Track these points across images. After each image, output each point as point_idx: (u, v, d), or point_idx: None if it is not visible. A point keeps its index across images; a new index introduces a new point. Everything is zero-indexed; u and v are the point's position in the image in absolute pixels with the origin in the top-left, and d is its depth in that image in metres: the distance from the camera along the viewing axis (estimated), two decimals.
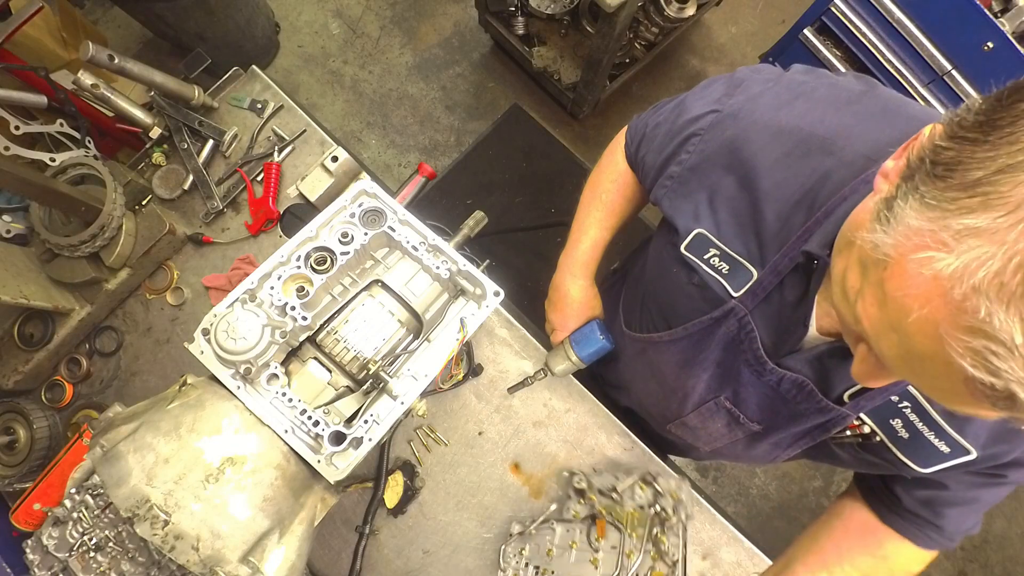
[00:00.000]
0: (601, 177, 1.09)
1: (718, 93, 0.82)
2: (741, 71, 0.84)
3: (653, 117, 0.96)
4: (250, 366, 0.94)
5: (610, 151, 1.08)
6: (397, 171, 2.88)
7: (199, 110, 1.44)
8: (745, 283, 0.76)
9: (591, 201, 1.10)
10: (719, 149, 0.77)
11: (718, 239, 0.78)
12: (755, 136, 0.73)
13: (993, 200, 0.39)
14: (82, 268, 1.27)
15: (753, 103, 0.76)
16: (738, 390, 0.85)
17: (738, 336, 0.79)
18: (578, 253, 1.12)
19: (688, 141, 0.81)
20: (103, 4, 3.02)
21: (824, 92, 0.74)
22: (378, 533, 1.26)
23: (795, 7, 2.79)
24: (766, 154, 0.72)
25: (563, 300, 1.17)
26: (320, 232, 1.07)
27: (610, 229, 1.11)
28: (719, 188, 0.77)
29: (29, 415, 1.25)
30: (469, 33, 3.01)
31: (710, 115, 0.79)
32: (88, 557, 0.87)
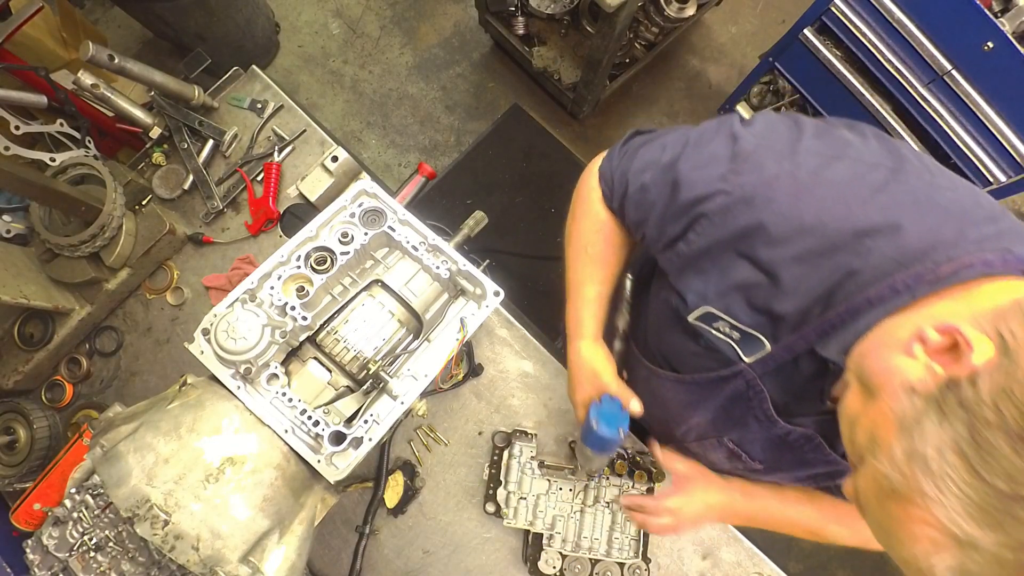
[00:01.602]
0: (582, 228, 0.98)
1: (721, 167, 0.71)
2: (742, 134, 0.73)
3: (633, 168, 0.85)
4: (250, 366, 0.94)
5: (583, 198, 0.97)
6: (397, 171, 2.88)
7: (199, 110, 1.44)
8: (757, 352, 0.73)
9: (578, 256, 1.00)
10: (732, 236, 0.69)
11: (729, 316, 0.73)
12: (775, 229, 0.66)
13: (1009, 526, 0.39)
14: (82, 268, 1.27)
15: (769, 188, 0.67)
16: (743, 434, 0.84)
17: (747, 393, 0.77)
18: (581, 316, 1.01)
19: (696, 223, 0.73)
20: (103, 4, 3.01)
21: (847, 174, 0.65)
22: (378, 533, 1.26)
23: (795, 7, 2.79)
24: (787, 249, 0.65)
25: (578, 368, 1.02)
26: (320, 232, 1.07)
27: (606, 281, 1.00)
28: (732, 272, 0.71)
29: (29, 415, 1.25)
30: (469, 33, 3.01)
31: (718, 197, 0.70)
32: (88, 557, 0.87)
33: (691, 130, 0.82)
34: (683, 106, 2.95)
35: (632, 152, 0.88)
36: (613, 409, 0.94)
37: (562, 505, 1.21)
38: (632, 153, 0.87)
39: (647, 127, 0.94)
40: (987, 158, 1.81)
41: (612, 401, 0.95)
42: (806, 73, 2.13)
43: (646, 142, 0.87)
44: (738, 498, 0.98)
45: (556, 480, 1.22)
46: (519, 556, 1.23)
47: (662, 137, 0.85)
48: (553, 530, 1.19)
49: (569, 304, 1.03)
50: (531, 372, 1.32)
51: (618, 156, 0.90)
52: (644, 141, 0.88)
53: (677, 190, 0.75)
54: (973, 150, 1.81)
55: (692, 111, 2.94)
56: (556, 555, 1.19)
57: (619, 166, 0.89)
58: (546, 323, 1.60)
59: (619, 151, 0.91)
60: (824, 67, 2.02)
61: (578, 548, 1.19)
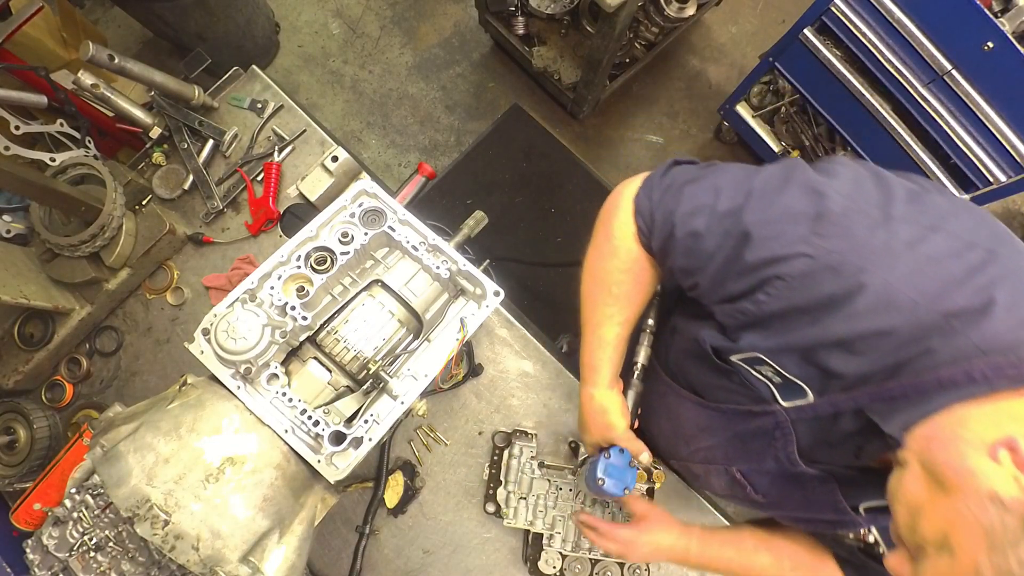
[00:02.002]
0: (609, 266, 0.89)
1: (802, 227, 0.65)
2: (827, 190, 0.66)
3: (680, 209, 0.78)
4: (250, 366, 0.94)
5: (610, 231, 0.88)
6: (397, 171, 2.88)
7: (199, 110, 1.44)
8: (796, 399, 0.70)
9: (600, 294, 0.91)
10: (811, 304, 0.64)
11: (778, 365, 0.69)
12: (862, 303, 0.61)
13: None
14: (82, 268, 1.27)
15: (860, 258, 0.61)
16: (754, 466, 0.83)
17: (772, 432, 0.75)
18: (598, 360, 0.93)
19: (768, 284, 0.67)
20: (103, 4, 3.02)
21: (944, 250, 0.60)
22: (378, 533, 1.26)
23: (795, 7, 2.79)
24: (870, 322, 0.61)
25: (590, 414, 0.98)
26: (320, 232, 1.07)
27: (628, 322, 0.92)
28: (799, 333, 0.66)
29: (29, 415, 1.25)
30: (469, 33, 3.01)
31: (799, 260, 0.64)
32: (88, 557, 0.87)
33: (750, 174, 0.75)
34: (683, 106, 2.95)
35: (676, 190, 0.80)
36: (621, 464, 0.94)
37: (562, 505, 1.21)
38: (676, 191, 0.80)
39: (685, 156, 0.87)
40: (987, 158, 1.81)
41: (621, 455, 0.94)
42: (806, 73, 2.13)
43: (692, 179, 0.79)
44: (693, 545, 0.98)
45: (556, 480, 1.22)
46: (519, 556, 1.23)
47: (712, 176, 0.78)
48: (553, 530, 1.19)
49: (585, 343, 0.95)
50: (531, 372, 1.32)
51: (659, 191, 0.82)
52: (689, 178, 0.80)
53: (745, 246, 0.68)
54: (973, 150, 1.81)
55: (692, 111, 2.94)
56: (556, 555, 1.19)
57: (661, 204, 0.81)
58: (546, 323, 1.60)
59: (659, 185, 0.83)
60: (824, 67, 2.02)
61: (578, 548, 1.19)
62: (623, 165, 2.89)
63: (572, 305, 1.14)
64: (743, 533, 0.98)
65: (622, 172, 2.88)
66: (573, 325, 2.74)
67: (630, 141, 2.92)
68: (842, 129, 2.18)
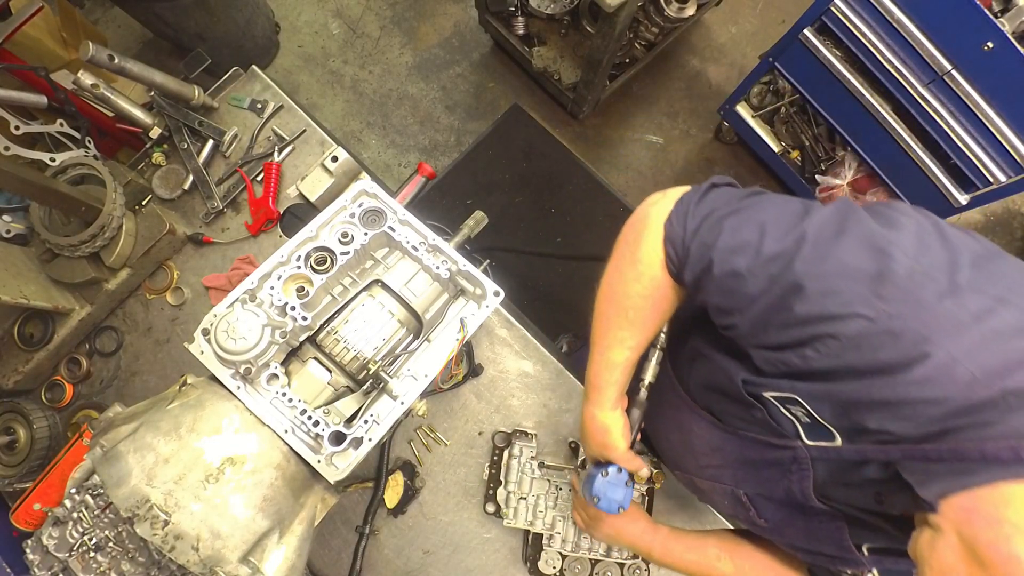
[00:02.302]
0: (629, 290, 0.85)
1: (862, 286, 0.61)
2: (891, 249, 0.61)
3: (719, 244, 0.73)
4: (250, 366, 0.94)
5: (634, 254, 0.83)
6: (397, 171, 2.88)
7: (199, 110, 1.44)
8: (822, 441, 0.68)
9: (614, 316, 0.88)
10: (865, 367, 0.61)
11: (812, 410, 0.67)
12: (920, 373, 0.58)
13: None
14: (82, 268, 1.27)
15: (924, 327, 0.58)
16: (762, 492, 0.82)
17: (789, 466, 0.73)
18: (603, 381, 0.91)
19: (818, 341, 0.63)
20: (103, 4, 3.02)
21: (1013, 325, 0.58)
22: (378, 533, 1.26)
23: (795, 7, 2.79)
24: (924, 391, 0.58)
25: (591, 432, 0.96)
26: (320, 232, 1.07)
27: (639, 347, 0.90)
28: (845, 390, 0.64)
29: (29, 415, 1.25)
30: (469, 33, 3.01)
31: (856, 321, 0.60)
32: (88, 557, 0.87)
33: (800, 214, 0.70)
34: (683, 106, 2.95)
35: (715, 221, 0.75)
36: (618, 483, 0.95)
37: (562, 505, 1.21)
38: (716, 223, 0.75)
39: (724, 178, 0.82)
40: (987, 158, 1.81)
41: (619, 474, 0.95)
42: (806, 73, 2.13)
43: (733, 211, 0.75)
44: (657, 544, 1.00)
45: (556, 480, 1.22)
46: (519, 556, 1.23)
47: (756, 209, 0.74)
48: (553, 530, 1.19)
49: (593, 362, 0.93)
50: (531, 372, 1.32)
51: (694, 219, 0.77)
52: (730, 209, 0.75)
53: (795, 297, 0.64)
54: (973, 150, 1.81)
55: (692, 111, 2.94)
56: (556, 555, 1.19)
57: (698, 235, 0.76)
58: (546, 323, 1.60)
59: (695, 212, 0.78)
60: (824, 67, 2.02)
61: (578, 548, 1.19)
62: (623, 165, 2.89)
63: (572, 304, 1.13)
64: (709, 540, 0.99)
65: (622, 172, 2.88)
66: (573, 325, 2.75)
67: (630, 141, 2.92)
68: (842, 129, 2.18)
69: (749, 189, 0.79)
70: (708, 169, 2.89)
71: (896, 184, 2.15)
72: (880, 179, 2.19)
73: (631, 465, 0.95)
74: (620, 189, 2.84)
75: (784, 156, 2.59)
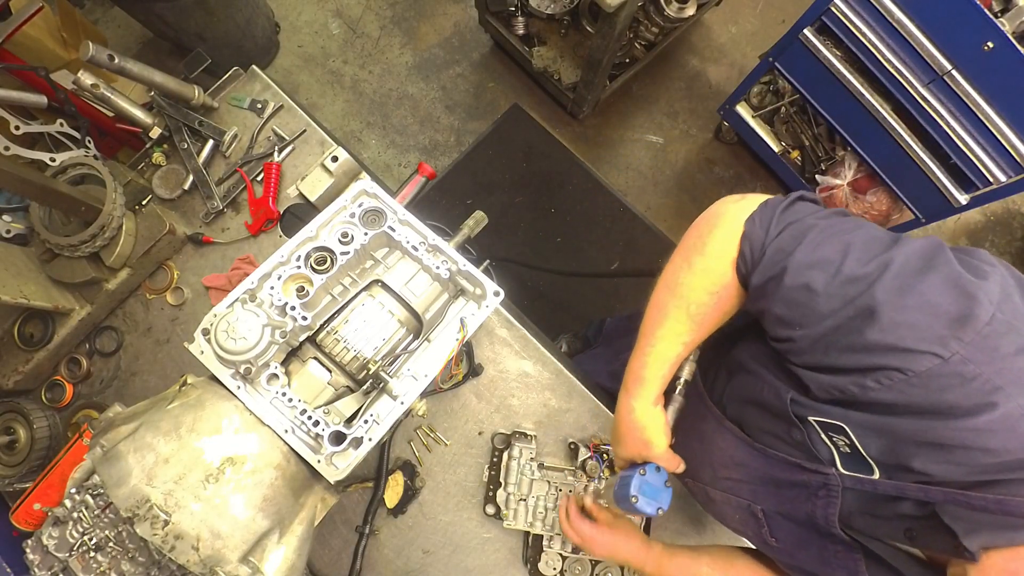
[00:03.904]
0: (693, 282, 0.82)
1: (940, 325, 0.59)
2: (978, 293, 0.60)
3: (798, 254, 0.70)
4: (250, 366, 0.94)
5: (704, 248, 0.81)
6: (397, 171, 2.88)
7: (199, 110, 1.44)
8: (859, 472, 0.67)
9: (673, 309, 0.84)
10: (928, 405, 0.60)
11: (857, 440, 0.66)
12: (985, 421, 0.57)
13: None
14: (82, 268, 1.27)
15: (999, 375, 0.57)
16: (780, 510, 0.80)
17: (816, 491, 0.72)
18: (647, 374, 0.88)
19: (883, 372, 0.62)
20: (103, 4, 3.02)
21: None
22: (378, 533, 1.26)
23: (795, 7, 2.79)
24: (985, 441, 0.57)
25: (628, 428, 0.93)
26: (320, 232, 1.07)
27: (693, 344, 0.87)
28: (898, 423, 0.62)
29: (29, 415, 1.25)
30: (469, 33, 3.01)
31: (927, 359, 0.59)
32: (88, 557, 0.87)
33: (888, 243, 0.68)
34: (683, 106, 2.95)
35: (798, 231, 0.73)
36: (657, 483, 0.91)
37: None
38: (799, 232, 0.72)
39: (812, 194, 0.81)
40: (987, 158, 1.81)
41: (658, 473, 0.91)
42: (806, 73, 2.13)
43: (818, 226, 0.72)
44: (650, 562, 0.99)
45: (556, 481, 1.22)
46: (519, 557, 1.23)
47: (842, 230, 0.71)
48: (553, 531, 1.19)
49: (640, 351, 0.89)
50: (531, 372, 1.32)
51: (777, 224, 0.75)
52: (815, 223, 0.73)
53: (868, 322, 0.62)
54: (973, 150, 1.81)
55: (692, 111, 2.94)
56: (556, 556, 1.19)
57: (777, 240, 0.74)
58: (546, 323, 1.60)
59: (779, 217, 0.75)
60: (824, 67, 2.02)
61: (578, 550, 1.19)
62: (623, 165, 2.89)
63: (572, 306, 1.12)
64: (702, 559, 0.98)
65: (622, 172, 2.88)
66: (573, 325, 2.75)
67: (630, 141, 2.92)
68: (842, 129, 2.18)
69: (835, 209, 0.78)
70: (708, 169, 2.89)
71: (896, 184, 2.15)
72: (880, 179, 2.19)
73: (671, 464, 0.92)
74: (620, 189, 2.84)
75: (784, 156, 2.59)
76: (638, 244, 2.74)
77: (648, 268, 1.21)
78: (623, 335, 1.73)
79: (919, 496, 0.62)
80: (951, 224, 2.85)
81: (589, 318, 2.42)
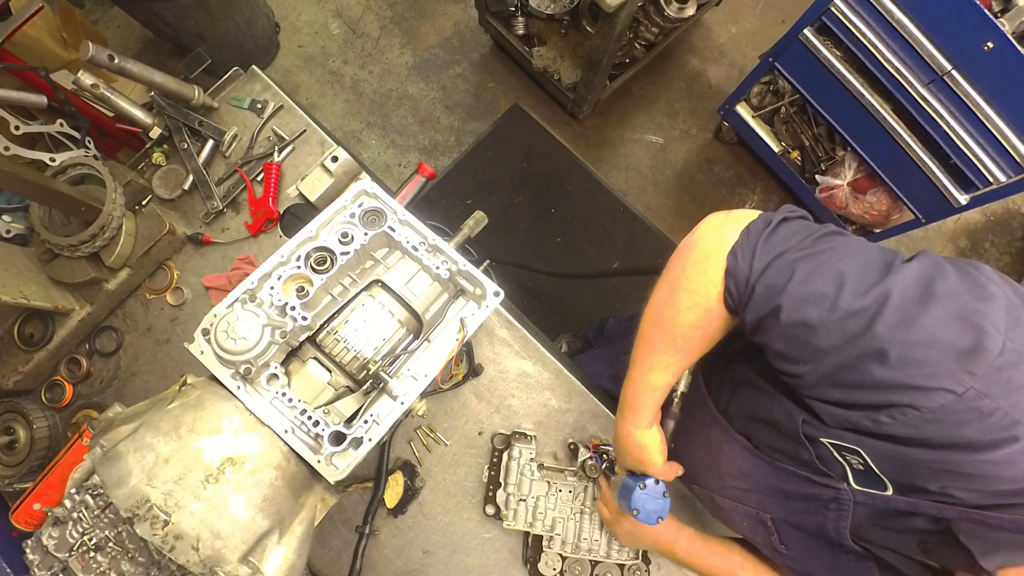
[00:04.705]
0: (680, 318, 0.80)
1: (949, 360, 0.58)
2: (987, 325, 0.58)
3: (789, 290, 0.68)
4: (250, 366, 0.94)
5: (690, 287, 0.79)
6: (397, 171, 2.88)
7: (199, 110, 1.44)
8: (872, 488, 0.66)
9: (660, 341, 0.84)
10: (945, 440, 0.59)
11: (872, 461, 0.65)
12: (1002, 455, 0.56)
13: None
14: (82, 268, 1.27)
15: (1014, 407, 0.56)
16: (790, 519, 0.80)
17: (828, 504, 0.71)
18: (641, 402, 0.89)
19: (896, 409, 0.60)
20: (103, 4, 3.02)
21: None
22: (378, 533, 1.26)
23: (795, 7, 2.79)
24: (1001, 471, 0.56)
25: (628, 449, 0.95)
26: (320, 232, 1.07)
27: (681, 372, 0.89)
28: (913, 453, 0.61)
29: (29, 415, 1.25)
30: (469, 33, 3.01)
31: (940, 395, 0.58)
32: (88, 557, 0.87)
33: (881, 268, 0.66)
34: (683, 106, 2.95)
35: (786, 264, 0.70)
36: (656, 494, 0.96)
37: (562, 507, 1.21)
38: (786, 266, 0.70)
39: (795, 211, 0.77)
40: (987, 158, 1.81)
41: (657, 486, 0.96)
42: (806, 73, 2.13)
43: (807, 255, 0.70)
44: (682, 542, 1.00)
45: (556, 482, 1.22)
46: (519, 557, 1.23)
47: (833, 257, 0.69)
48: (553, 532, 1.19)
49: (632, 381, 0.90)
50: (531, 372, 1.32)
51: (762, 257, 0.72)
52: (803, 253, 0.70)
53: (874, 361, 0.61)
54: (973, 150, 1.81)
55: (692, 111, 2.94)
56: (556, 557, 1.19)
57: (765, 276, 0.71)
58: (546, 323, 1.60)
59: (763, 248, 0.72)
60: (824, 67, 2.02)
61: (578, 550, 1.19)
62: (623, 165, 2.89)
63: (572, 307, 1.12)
64: (734, 549, 0.99)
65: (622, 172, 2.88)
66: (573, 325, 2.75)
67: (630, 141, 2.92)
68: (842, 129, 2.18)
69: (822, 227, 0.74)
70: (708, 169, 2.89)
71: (896, 184, 2.15)
72: (880, 179, 2.19)
73: (668, 476, 0.95)
74: (620, 189, 2.84)
75: (784, 156, 2.59)
76: (638, 244, 2.74)
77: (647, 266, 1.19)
78: (624, 336, 1.73)
79: (932, 512, 0.61)
80: (951, 224, 2.85)
81: (589, 318, 2.42)
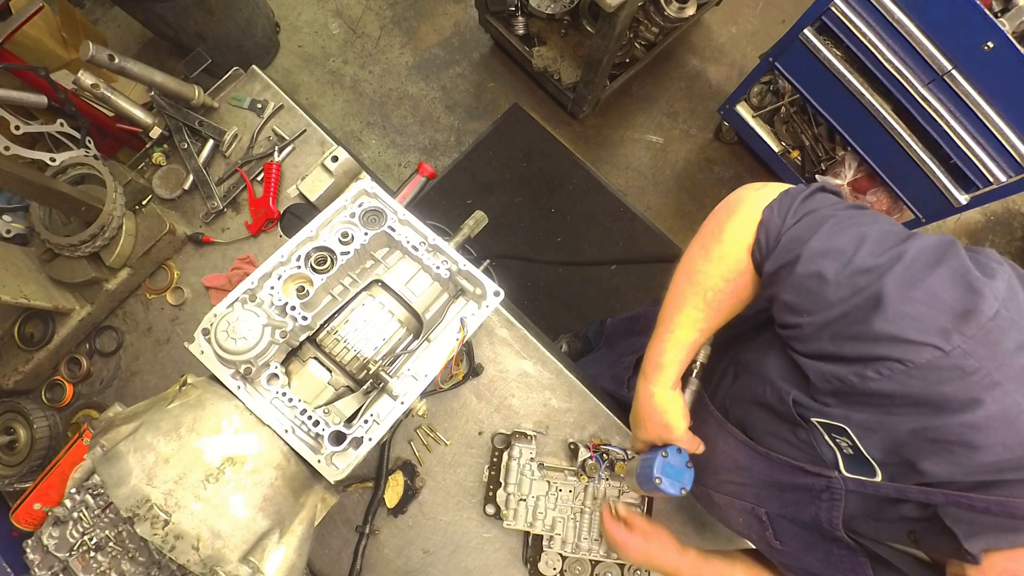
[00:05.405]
0: (710, 269, 0.83)
1: (943, 318, 0.60)
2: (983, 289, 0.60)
3: (812, 243, 0.71)
4: (250, 366, 0.94)
5: (724, 234, 0.81)
6: (397, 171, 2.88)
7: (199, 110, 1.44)
8: (861, 474, 0.67)
9: (690, 295, 0.85)
10: (928, 399, 0.60)
11: (860, 442, 0.66)
12: (983, 416, 0.57)
13: None
14: (82, 268, 1.27)
15: (998, 370, 0.57)
16: (784, 514, 0.81)
17: (820, 494, 0.72)
18: (665, 360, 0.88)
19: (883, 362, 0.62)
20: (103, 4, 3.02)
21: None
22: (378, 533, 1.26)
23: (795, 7, 2.79)
24: (981, 436, 0.57)
25: (648, 413, 0.93)
26: (320, 232, 1.07)
27: (709, 331, 0.88)
28: (897, 420, 0.62)
29: (29, 415, 1.25)
30: (469, 33, 3.01)
31: (928, 350, 0.59)
32: (88, 557, 0.87)
33: (902, 237, 0.69)
34: (683, 106, 2.95)
35: (815, 221, 0.74)
36: (679, 465, 0.92)
37: (562, 507, 1.21)
38: (815, 222, 0.73)
39: (832, 185, 0.81)
40: (987, 158, 1.81)
41: (679, 455, 0.93)
42: (806, 73, 2.13)
43: (835, 216, 0.73)
44: (685, 566, 1.00)
45: (556, 482, 1.22)
46: (519, 556, 1.23)
47: (859, 222, 0.72)
48: (553, 531, 1.19)
49: (658, 338, 0.90)
50: (531, 372, 1.32)
51: (795, 213, 0.76)
52: (832, 213, 0.74)
53: (874, 313, 0.63)
54: (973, 150, 1.81)
55: (692, 111, 2.94)
56: (556, 556, 1.19)
57: (793, 229, 0.74)
58: (546, 323, 1.60)
59: (798, 206, 0.76)
60: (824, 67, 2.02)
61: (578, 549, 1.19)
62: (623, 165, 2.89)
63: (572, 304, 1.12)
64: (736, 566, 0.99)
65: (622, 172, 2.88)
66: (573, 324, 2.75)
67: (630, 141, 2.92)
68: (842, 129, 2.18)
69: (855, 202, 0.79)
70: (708, 169, 2.89)
71: (896, 184, 2.15)
72: (880, 179, 2.19)
73: (691, 445, 0.92)
74: (620, 189, 2.84)
75: (784, 156, 2.59)
76: (638, 244, 2.74)
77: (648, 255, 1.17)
78: (625, 337, 1.73)
79: (920, 498, 0.62)
80: (951, 224, 2.85)
81: (589, 318, 2.42)
